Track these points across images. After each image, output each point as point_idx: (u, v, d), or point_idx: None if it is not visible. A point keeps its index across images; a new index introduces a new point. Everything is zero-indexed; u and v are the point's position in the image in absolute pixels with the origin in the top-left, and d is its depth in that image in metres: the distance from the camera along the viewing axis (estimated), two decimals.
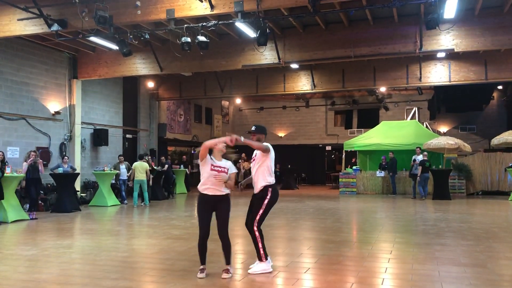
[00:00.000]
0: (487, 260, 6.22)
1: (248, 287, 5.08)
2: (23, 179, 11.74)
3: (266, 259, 5.55)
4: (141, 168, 14.30)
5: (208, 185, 5.29)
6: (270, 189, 5.54)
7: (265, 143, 5.57)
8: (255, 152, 5.73)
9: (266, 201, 5.53)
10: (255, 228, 5.53)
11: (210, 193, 5.30)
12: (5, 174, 10.46)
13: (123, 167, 15.06)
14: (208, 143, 5.28)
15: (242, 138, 5.25)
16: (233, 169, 5.43)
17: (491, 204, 14.12)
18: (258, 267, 5.53)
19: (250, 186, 5.85)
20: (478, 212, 12.09)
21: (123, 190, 15.06)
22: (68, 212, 12.33)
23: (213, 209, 5.35)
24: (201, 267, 5.43)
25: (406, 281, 5.21)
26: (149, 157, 16.52)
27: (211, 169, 5.27)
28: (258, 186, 5.57)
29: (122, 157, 15.40)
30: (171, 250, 6.84)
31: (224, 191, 5.32)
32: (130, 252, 7.05)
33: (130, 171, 14.71)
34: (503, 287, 4.94)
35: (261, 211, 5.53)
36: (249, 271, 5.53)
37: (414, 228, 9.46)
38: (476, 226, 9.44)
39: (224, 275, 5.32)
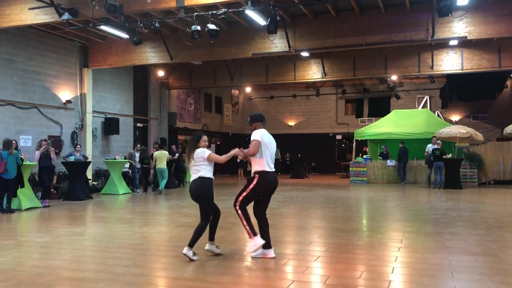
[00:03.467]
0: (499, 250, 6.18)
1: (258, 274, 5.12)
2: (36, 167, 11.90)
3: (255, 235, 5.64)
4: (162, 156, 14.92)
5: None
6: (257, 175, 5.65)
7: (254, 137, 5.60)
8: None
9: (251, 186, 5.66)
10: (237, 207, 5.70)
11: None
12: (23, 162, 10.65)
13: (138, 155, 15.24)
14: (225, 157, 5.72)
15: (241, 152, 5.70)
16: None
17: (503, 194, 14.00)
18: (250, 247, 5.70)
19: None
20: (489, 202, 12.00)
21: (137, 178, 15.21)
22: (80, 200, 12.49)
23: None
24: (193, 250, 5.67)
25: (417, 270, 5.20)
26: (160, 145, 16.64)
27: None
28: (252, 171, 5.76)
29: (139, 146, 15.64)
30: (182, 238, 6.89)
31: None
32: (141, 239, 7.12)
33: (153, 160, 15.08)
34: None
35: (244, 193, 5.69)
36: (250, 255, 5.69)
37: (425, 217, 9.42)
38: (488, 215, 9.38)
39: None
